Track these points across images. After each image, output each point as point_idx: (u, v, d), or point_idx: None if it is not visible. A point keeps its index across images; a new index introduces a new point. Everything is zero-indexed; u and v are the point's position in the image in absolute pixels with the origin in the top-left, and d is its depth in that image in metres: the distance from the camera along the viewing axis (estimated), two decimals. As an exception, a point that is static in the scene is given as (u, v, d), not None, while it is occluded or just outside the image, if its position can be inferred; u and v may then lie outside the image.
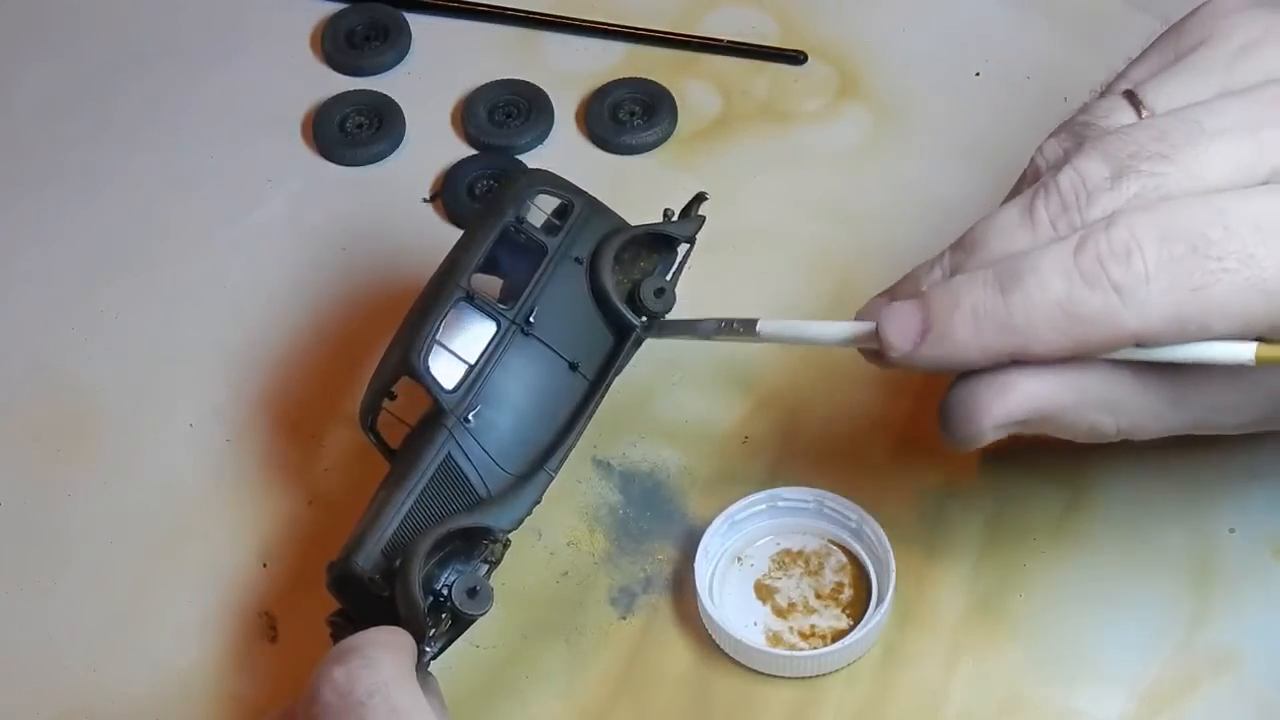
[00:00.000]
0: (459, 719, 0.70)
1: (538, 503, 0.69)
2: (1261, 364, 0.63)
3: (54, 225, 0.84)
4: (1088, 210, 0.64)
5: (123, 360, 0.80)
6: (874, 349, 0.67)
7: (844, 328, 0.68)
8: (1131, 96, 0.67)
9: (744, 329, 0.70)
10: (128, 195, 0.84)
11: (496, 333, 0.70)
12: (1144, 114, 0.66)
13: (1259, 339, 0.63)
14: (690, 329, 0.72)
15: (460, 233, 0.73)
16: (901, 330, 0.65)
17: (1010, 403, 0.64)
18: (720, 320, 0.71)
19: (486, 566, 0.68)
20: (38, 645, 0.73)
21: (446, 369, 0.69)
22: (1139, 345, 0.63)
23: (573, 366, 0.71)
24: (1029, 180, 0.67)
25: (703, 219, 0.74)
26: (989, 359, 0.64)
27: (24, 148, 0.86)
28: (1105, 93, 0.69)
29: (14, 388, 0.79)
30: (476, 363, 0.70)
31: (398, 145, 0.86)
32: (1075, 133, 0.67)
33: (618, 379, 0.73)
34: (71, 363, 0.80)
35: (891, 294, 0.68)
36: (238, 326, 0.80)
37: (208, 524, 0.75)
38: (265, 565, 0.74)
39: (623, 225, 0.73)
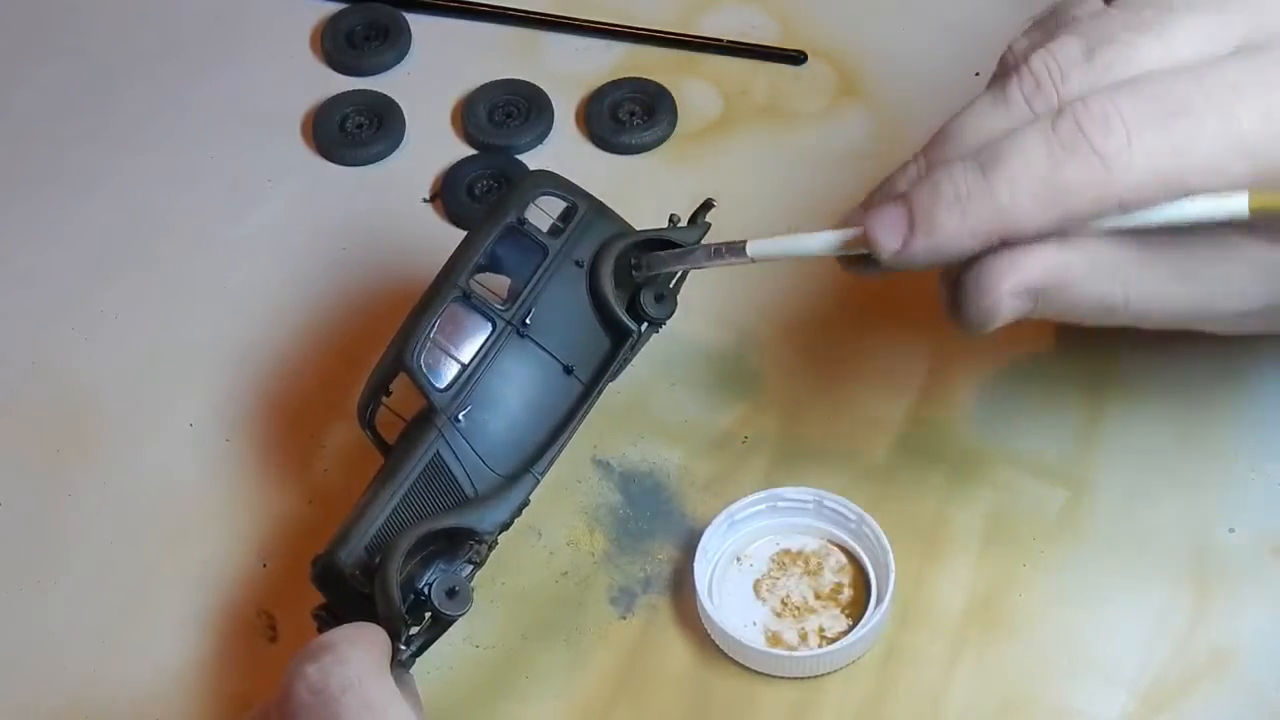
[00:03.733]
0: (459, 719, 0.70)
1: (525, 505, 0.69)
2: (1256, 214, 0.62)
3: (54, 225, 0.84)
4: (1063, 87, 0.64)
5: (123, 360, 0.80)
6: (862, 254, 0.66)
7: (833, 236, 0.67)
8: None
9: (733, 253, 0.69)
10: (128, 195, 0.84)
11: (491, 333, 0.70)
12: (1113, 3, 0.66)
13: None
14: (679, 260, 0.71)
15: (461, 232, 0.73)
16: (890, 228, 0.65)
17: (1025, 268, 0.64)
18: (710, 247, 0.70)
19: (470, 567, 0.68)
20: (38, 645, 0.73)
21: (440, 367, 0.69)
22: (1124, 210, 0.63)
23: (567, 370, 0.71)
24: (999, 77, 0.67)
25: (708, 226, 0.73)
26: (980, 243, 0.64)
27: (24, 148, 0.86)
28: None
29: (14, 388, 0.79)
30: (470, 362, 0.70)
31: (398, 145, 0.86)
32: (1045, 26, 0.67)
33: (618, 379, 0.73)
34: (71, 363, 0.80)
35: (868, 203, 0.67)
36: (238, 326, 0.80)
37: (207, 523, 0.75)
38: (265, 565, 0.74)
39: (626, 229, 0.73)
